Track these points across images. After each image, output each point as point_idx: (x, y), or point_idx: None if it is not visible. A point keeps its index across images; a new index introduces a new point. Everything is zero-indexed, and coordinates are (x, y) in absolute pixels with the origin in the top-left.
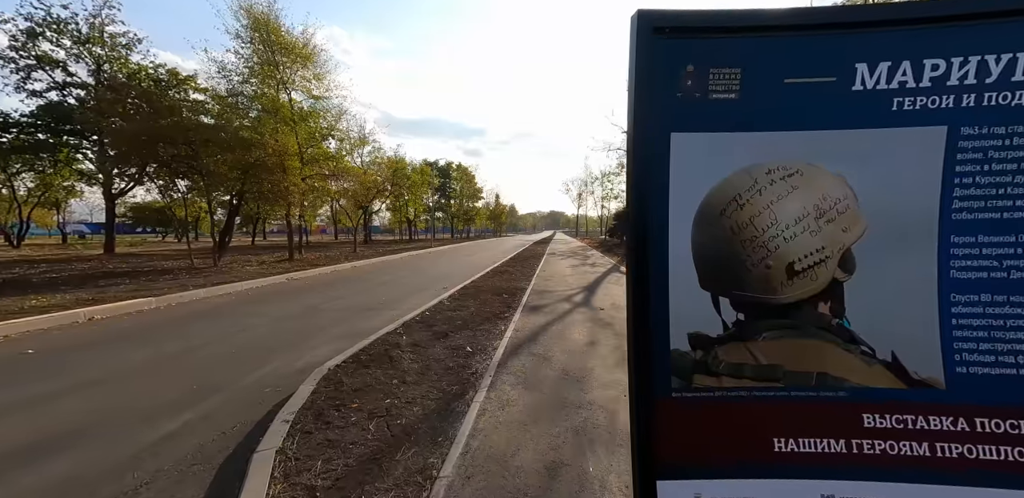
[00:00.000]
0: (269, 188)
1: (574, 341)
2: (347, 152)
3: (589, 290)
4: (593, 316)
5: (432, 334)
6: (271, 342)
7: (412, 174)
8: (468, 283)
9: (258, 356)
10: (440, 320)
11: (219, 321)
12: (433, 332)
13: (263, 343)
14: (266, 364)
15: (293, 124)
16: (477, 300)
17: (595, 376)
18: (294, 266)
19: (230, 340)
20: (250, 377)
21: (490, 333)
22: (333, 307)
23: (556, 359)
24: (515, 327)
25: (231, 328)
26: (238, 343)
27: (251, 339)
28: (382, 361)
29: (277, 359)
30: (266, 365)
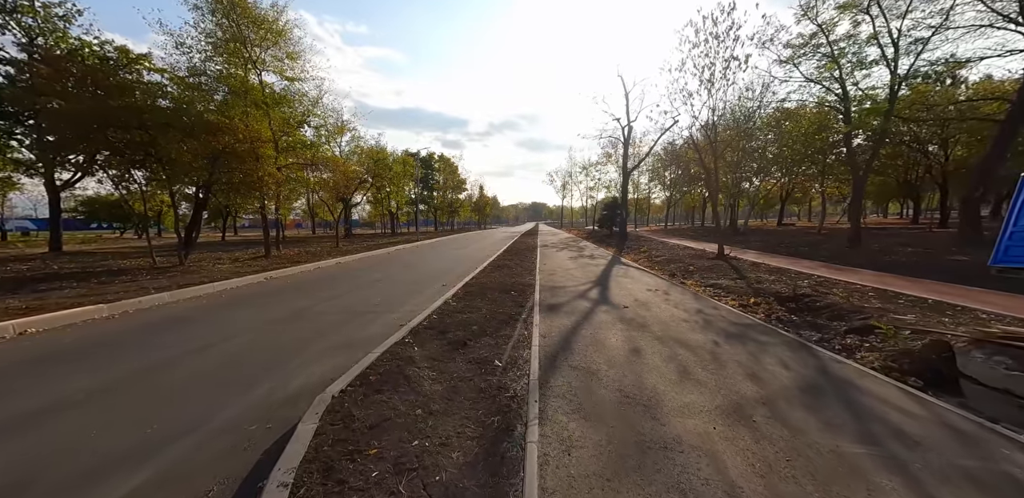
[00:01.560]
0: (241, 178)
1: (614, 349)
2: (325, 140)
3: (601, 285)
4: (620, 316)
5: (447, 343)
6: (254, 358)
7: (394, 165)
8: (469, 280)
9: (239, 378)
10: (452, 325)
11: (188, 332)
12: (448, 341)
13: (244, 360)
14: (250, 390)
15: (265, 108)
16: (485, 299)
17: (662, 398)
18: (272, 263)
19: (202, 357)
20: (229, 410)
21: (514, 340)
22: (324, 311)
23: (604, 374)
24: (540, 332)
25: (203, 341)
26: (212, 361)
27: (228, 355)
28: (397, 382)
29: (264, 382)
30: (250, 391)
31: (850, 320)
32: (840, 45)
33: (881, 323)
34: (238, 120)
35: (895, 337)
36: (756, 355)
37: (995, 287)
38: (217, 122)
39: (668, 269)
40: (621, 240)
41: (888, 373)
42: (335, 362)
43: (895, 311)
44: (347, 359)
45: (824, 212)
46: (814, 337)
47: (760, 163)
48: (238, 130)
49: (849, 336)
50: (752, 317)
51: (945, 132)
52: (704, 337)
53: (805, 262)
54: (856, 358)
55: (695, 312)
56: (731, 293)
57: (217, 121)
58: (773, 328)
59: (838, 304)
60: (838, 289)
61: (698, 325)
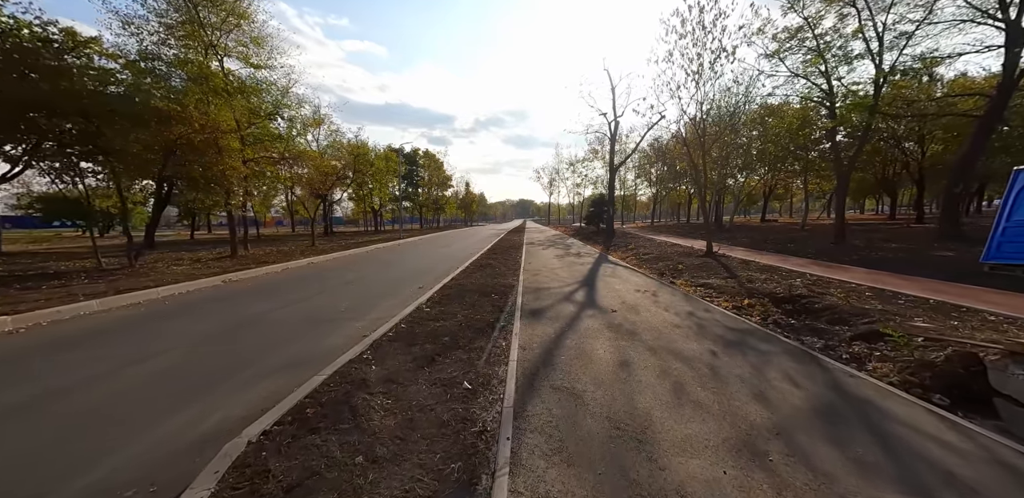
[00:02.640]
0: (200, 172)
1: (602, 363)
2: (298, 133)
3: (587, 285)
4: (608, 321)
5: (412, 359)
6: (170, 386)
7: (376, 160)
8: (448, 281)
9: (137, 416)
10: (421, 336)
11: (100, 350)
12: (413, 356)
13: (156, 388)
14: (146, 432)
15: (227, 96)
16: (463, 303)
17: (659, 429)
18: (236, 264)
19: (104, 383)
20: (106, 463)
21: (490, 354)
22: (280, 319)
23: (591, 397)
24: (520, 342)
25: (115, 361)
26: (116, 388)
27: (137, 382)
28: (340, 416)
29: (171, 418)
30: (145, 434)
31: (854, 324)
32: (826, 39)
33: (891, 329)
34: (193, 108)
35: (908, 345)
36: (759, 368)
37: (991, 285)
38: (168, 110)
39: (657, 267)
40: (608, 237)
41: (908, 389)
42: (273, 387)
43: (898, 313)
44: (288, 383)
45: (807, 208)
46: (817, 344)
47: (745, 159)
48: (193, 119)
49: (856, 343)
50: (748, 321)
51: (923, 128)
52: (700, 346)
53: (794, 259)
54: (868, 369)
55: (687, 316)
56: (723, 293)
57: (168, 109)
58: (772, 334)
59: (837, 306)
60: (834, 289)
61: (692, 331)
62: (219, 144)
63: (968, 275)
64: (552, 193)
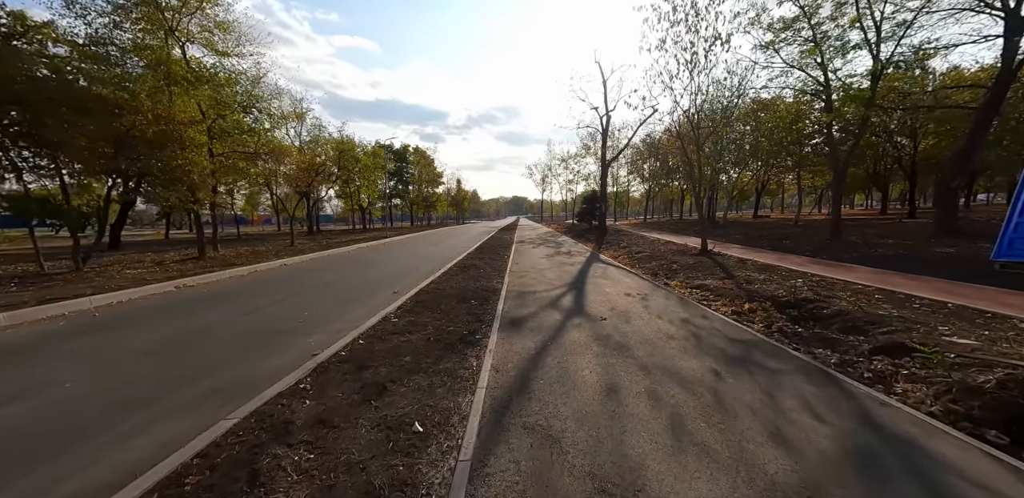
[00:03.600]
0: (159, 167)
1: (587, 389)
2: (273, 126)
3: (576, 288)
4: (596, 333)
5: (360, 388)
6: (46, 425)
7: (363, 157)
8: (427, 284)
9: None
10: (379, 354)
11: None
12: (362, 383)
13: (19, 431)
14: None
15: (187, 85)
16: (437, 311)
17: (656, 488)
18: (198, 267)
19: None
20: None
21: (454, 379)
22: (222, 334)
23: (571, 441)
24: (493, 362)
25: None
26: None
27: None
28: (229, 487)
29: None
30: None
31: (871, 334)
32: (823, 29)
33: (918, 343)
34: (145, 97)
35: (942, 363)
36: (771, 393)
37: (1005, 284)
38: (114, 98)
39: (650, 267)
40: (600, 235)
41: (954, 422)
42: (163, 438)
43: (917, 320)
44: (190, 428)
45: (800, 204)
46: (832, 359)
47: (739, 154)
48: (145, 109)
49: (876, 358)
50: (751, 329)
51: (915, 122)
52: (700, 364)
53: (793, 258)
54: (898, 393)
55: (684, 324)
56: (721, 296)
57: (114, 97)
58: (780, 346)
59: (848, 312)
60: (840, 291)
61: (690, 344)
62: (179, 137)
63: (977, 274)
64: (545, 190)
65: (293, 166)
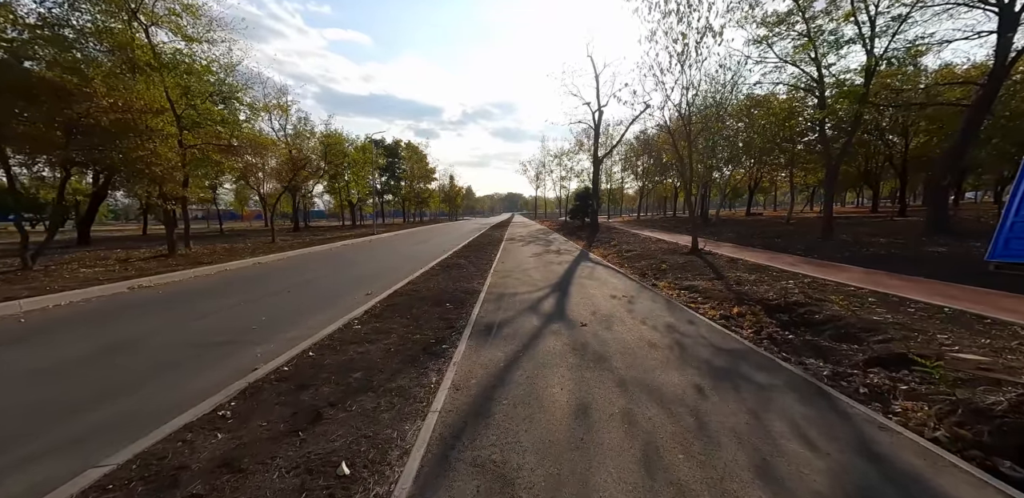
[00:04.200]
0: (120, 158)
1: (554, 410)
2: (249, 117)
3: (560, 290)
4: (574, 341)
5: (291, 414)
6: None
7: (352, 152)
8: (404, 284)
9: None
10: (327, 369)
11: None
12: (296, 408)
13: None
14: None
15: (148, 72)
16: (407, 316)
17: None
18: (163, 265)
19: None
20: None
21: (406, 400)
22: (162, 343)
23: (527, 483)
24: (455, 378)
25: None
26: None
27: None
28: None
29: None
30: None
31: (865, 343)
32: (817, 23)
33: (918, 355)
34: (100, 82)
35: (944, 379)
36: (759, 415)
37: (1001, 286)
38: (61, 82)
39: (638, 267)
40: (592, 232)
41: (962, 450)
42: (12, 492)
43: (913, 327)
44: (46, 479)
45: (792, 201)
46: (825, 371)
47: (731, 151)
48: (98, 95)
49: (872, 371)
50: (738, 337)
51: (908, 119)
52: (682, 378)
53: (784, 257)
54: (897, 413)
55: (668, 331)
56: (710, 299)
57: (61, 81)
58: (769, 357)
59: (841, 317)
60: (832, 293)
61: (673, 354)
62: (139, 126)
63: (971, 274)
64: (539, 187)
65: (274, 160)
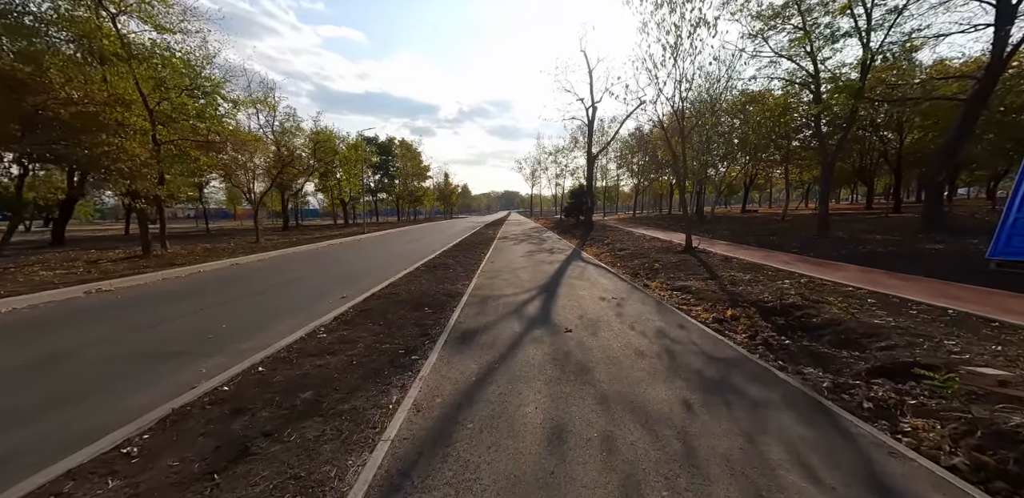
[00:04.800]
0: (83, 153)
1: (525, 435)
2: (228, 112)
3: (548, 292)
4: (555, 350)
5: (213, 449)
6: None
7: (345, 149)
8: (383, 287)
9: None
10: (275, 388)
11: None
12: (224, 439)
13: None
14: None
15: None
16: (380, 322)
17: None
18: (133, 267)
19: None
20: None
21: (357, 425)
22: (95, 357)
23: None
24: (417, 397)
25: None
26: None
27: None
28: None
29: None
30: None
31: (867, 349)
32: (813, 16)
33: (926, 366)
34: (57, 72)
35: (956, 394)
36: (753, 438)
37: (1004, 286)
38: (12, 72)
39: (631, 266)
40: (586, 230)
41: (986, 481)
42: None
43: (918, 331)
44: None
45: (788, 198)
46: (824, 382)
47: (727, 148)
48: (55, 86)
49: (876, 382)
50: (732, 343)
51: (902, 115)
52: (670, 393)
53: (779, 255)
54: (907, 432)
55: (658, 336)
56: (703, 300)
57: (12, 70)
58: (765, 366)
59: (840, 320)
60: (830, 294)
61: (662, 364)
62: (105, 120)
63: (971, 273)
64: (535, 184)
65: (259, 158)
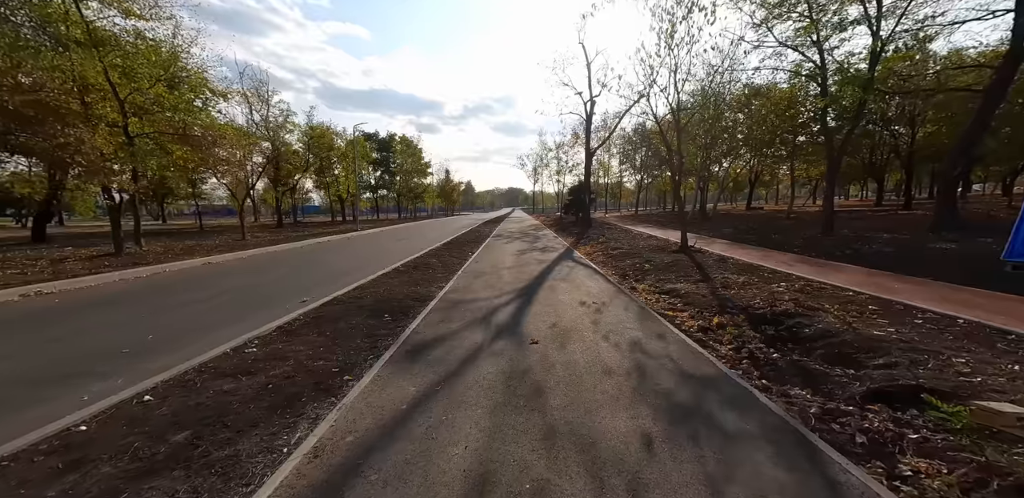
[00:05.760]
0: (42, 145)
1: (441, 487)
2: (205, 104)
3: (526, 295)
4: (515, 365)
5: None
6: None
7: (342, 146)
8: (351, 289)
9: None
10: (148, 425)
11: None
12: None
13: None
14: None
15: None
16: (328, 332)
17: None
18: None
19: None
20: None
21: (227, 482)
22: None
23: None
24: (323, 436)
25: None
26: None
27: None
28: None
29: None
30: None
31: (864, 367)
32: (820, 2)
33: (931, 392)
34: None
35: (966, 429)
36: (718, 487)
37: (1022, 291)
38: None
39: (621, 267)
40: (584, 228)
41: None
42: None
43: (921, 345)
44: None
45: (793, 195)
46: (812, 407)
47: (730, 144)
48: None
49: (872, 410)
50: (713, 357)
51: (915, 108)
52: (630, 424)
53: (778, 255)
54: (907, 477)
55: (631, 349)
56: (690, 305)
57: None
58: (746, 388)
59: (835, 332)
60: (827, 300)
61: (629, 384)
62: (63, 110)
63: (985, 276)
64: (537, 181)
65: (247, 154)
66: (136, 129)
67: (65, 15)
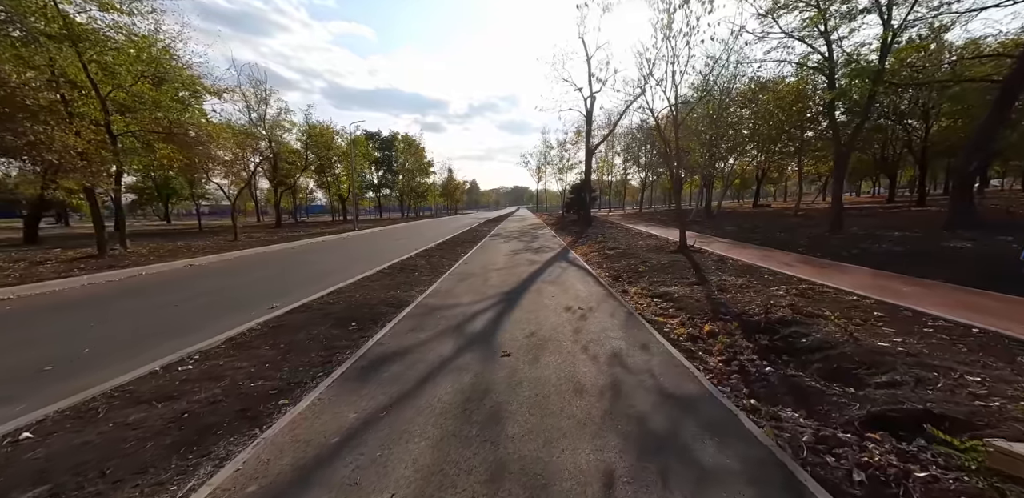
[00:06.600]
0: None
1: None
2: (190, 102)
3: (510, 300)
4: (477, 384)
5: None
6: None
7: (345, 145)
8: (326, 293)
9: None
10: (6, 475)
11: None
12: None
13: None
14: None
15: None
16: (283, 344)
17: None
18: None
19: None
20: None
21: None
22: None
23: None
24: (219, 486)
25: None
26: None
27: None
28: None
29: None
30: None
31: (865, 385)
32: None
33: (942, 422)
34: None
35: (981, 468)
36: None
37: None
38: None
39: (615, 268)
40: (584, 227)
41: None
42: None
43: (931, 359)
44: None
45: (800, 192)
46: (804, 435)
47: (736, 140)
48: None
49: (872, 439)
50: (698, 371)
51: (929, 100)
52: (592, 459)
53: (781, 255)
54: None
55: (611, 363)
56: (681, 310)
57: None
58: (731, 411)
59: (835, 343)
60: (829, 305)
61: (601, 406)
62: (33, 105)
63: (1003, 278)
64: (541, 179)
65: (231, 151)
66: (120, 127)
67: (43, 9)
